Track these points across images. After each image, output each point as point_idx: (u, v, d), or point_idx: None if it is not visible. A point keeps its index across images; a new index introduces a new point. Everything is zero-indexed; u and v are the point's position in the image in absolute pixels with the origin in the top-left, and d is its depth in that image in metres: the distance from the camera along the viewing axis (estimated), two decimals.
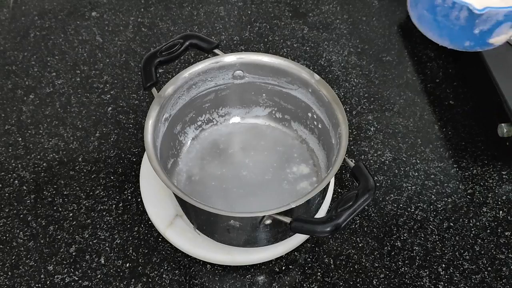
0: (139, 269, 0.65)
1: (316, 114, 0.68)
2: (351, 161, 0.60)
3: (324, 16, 0.92)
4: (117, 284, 0.64)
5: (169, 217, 0.66)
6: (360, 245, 0.67)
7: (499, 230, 0.69)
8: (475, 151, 0.76)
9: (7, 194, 0.71)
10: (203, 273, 0.65)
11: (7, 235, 0.68)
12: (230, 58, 0.67)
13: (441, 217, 0.69)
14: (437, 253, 0.66)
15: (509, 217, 0.70)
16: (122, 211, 0.70)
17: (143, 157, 0.72)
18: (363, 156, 0.75)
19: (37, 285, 0.64)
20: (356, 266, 0.65)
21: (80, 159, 0.74)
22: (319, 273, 0.65)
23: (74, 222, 0.69)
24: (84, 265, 0.65)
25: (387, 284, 0.64)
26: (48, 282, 0.64)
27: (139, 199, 0.70)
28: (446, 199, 0.71)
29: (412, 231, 0.68)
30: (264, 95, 0.72)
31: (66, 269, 0.65)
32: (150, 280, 0.64)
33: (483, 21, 0.44)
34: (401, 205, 0.70)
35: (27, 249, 0.66)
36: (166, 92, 0.65)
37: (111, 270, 0.65)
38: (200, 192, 0.68)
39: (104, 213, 0.69)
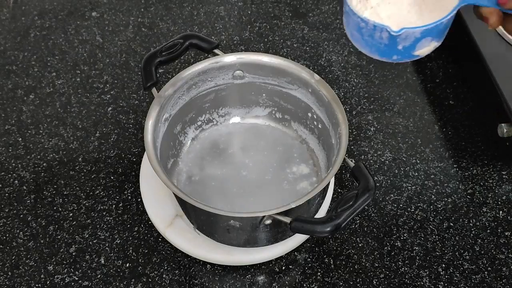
0: (139, 269, 0.65)
1: (316, 114, 0.68)
2: (351, 161, 0.60)
3: (324, 16, 0.92)
4: (117, 284, 0.64)
5: (169, 217, 0.66)
6: (360, 245, 0.67)
7: (499, 230, 0.69)
8: (475, 151, 0.76)
9: (7, 194, 0.71)
10: (203, 273, 0.65)
11: (7, 235, 0.68)
12: (230, 58, 0.67)
13: (441, 217, 0.69)
14: (437, 253, 0.66)
15: (509, 217, 0.70)
16: (122, 211, 0.70)
17: (143, 157, 0.72)
18: (363, 156, 0.75)
19: (37, 285, 0.64)
20: (356, 266, 0.65)
21: (80, 159, 0.74)
22: (319, 273, 0.65)
23: (74, 222, 0.69)
24: (84, 265, 0.65)
25: (387, 284, 0.64)
26: (48, 282, 0.64)
27: (139, 199, 0.70)
28: (446, 199, 0.71)
29: (412, 231, 0.68)
30: (264, 95, 0.72)
31: (66, 269, 0.65)
32: (150, 280, 0.64)
33: (403, 39, 0.47)
34: (401, 205, 0.70)
35: (27, 249, 0.66)
36: (166, 92, 0.65)
37: (111, 270, 0.65)
38: (200, 192, 0.68)
39: (104, 213, 0.69)
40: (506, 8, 0.44)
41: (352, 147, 0.76)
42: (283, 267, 0.66)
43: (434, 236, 0.68)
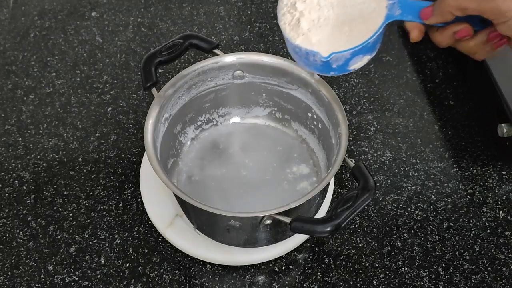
0: (139, 269, 0.65)
1: (316, 114, 0.68)
2: (351, 161, 0.60)
3: None
4: (117, 284, 0.64)
5: (169, 217, 0.66)
6: (360, 245, 0.67)
7: (499, 230, 0.69)
8: (475, 151, 0.76)
9: (7, 194, 0.71)
10: (203, 273, 0.65)
11: (7, 235, 0.68)
12: (230, 58, 0.67)
13: (441, 217, 0.69)
14: (437, 253, 0.66)
15: (509, 217, 0.70)
16: (122, 211, 0.70)
17: (143, 157, 0.72)
18: (363, 156, 0.75)
19: (37, 285, 0.64)
20: (356, 266, 0.65)
21: (80, 159, 0.74)
22: (319, 273, 0.65)
23: (74, 222, 0.69)
24: (84, 265, 0.65)
25: (387, 284, 0.64)
26: (48, 282, 0.64)
27: (139, 199, 0.70)
28: (446, 199, 0.71)
29: (412, 231, 0.68)
30: (264, 95, 0.72)
31: (66, 269, 0.65)
32: (150, 280, 0.64)
33: (335, 61, 0.51)
34: (401, 205, 0.70)
35: (27, 249, 0.66)
36: (166, 92, 0.65)
37: (111, 270, 0.65)
38: (200, 192, 0.68)
39: (104, 213, 0.69)
40: (428, 22, 0.47)
41: (352, 147, 0.76)
42: (283, 267, 0.66)
43: (434, 236, 0.68)
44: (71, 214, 0.69)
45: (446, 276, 0.65)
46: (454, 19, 0.46)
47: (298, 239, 0.65)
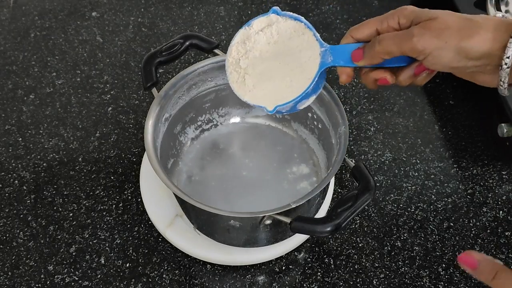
0: (139, 269, 0.65)
1: (316, 114, 0.68)
2: (351, 161, 0.60)
3: (324, 16, 0.92)
4: (117, 284, 0.64)
5: (169, 217, 0.66)
6: (360, 245, 0.67)
7: (499, 230, 0.69)
8: (475, 151, 0.76)
9: (7, 194, 0.71)
10: (203, 273, 0.65)
11: (7, 235, 0.68)
12: None
13: (441, 217, 0.69)
14: (437, 253, 0.66)
15: (509, 217, 0.70)
16: (122, 211, 0.70)
17: (143, 157, 0.73)
18: (363, 156, 0.75)
19: (37, 285, 0.64)
20: (356, 266, 0.65)
21: (80, 159, 0.74)
22: (319, 273, 0.65)
23: (74, 222, 0.69)
24: (84, 265, 0.65)
25: (387, 284, 0.64)
26: (48, 282, 0.64)
27: (139, 199, 0.70)
28: (446, 199, 0.71)
29: (412, 231, 0.68)
30: None
31: (66, 269, 0.65)
32: (150, 280, 0.64)
33: (283, 109, 0.54)
34: (401, 205, 0.70)
35: (27, 249, 0.66)
36: (166, 92, 0.65)
37: (111, 270, 0.65)
38: (200, 192, 0.68)
39: (104, 213, 0.69)
40: (359, 65, 0.51)
41: (352, 147, 0.76)
42: (283, 267, 0.66)
43: (434, 236, 0.68)
44: (71, 214, 0.69)
45: (446, 276, 0.65)
46: (383, 62, 0.50)
47: (298, 239, 0.65)
